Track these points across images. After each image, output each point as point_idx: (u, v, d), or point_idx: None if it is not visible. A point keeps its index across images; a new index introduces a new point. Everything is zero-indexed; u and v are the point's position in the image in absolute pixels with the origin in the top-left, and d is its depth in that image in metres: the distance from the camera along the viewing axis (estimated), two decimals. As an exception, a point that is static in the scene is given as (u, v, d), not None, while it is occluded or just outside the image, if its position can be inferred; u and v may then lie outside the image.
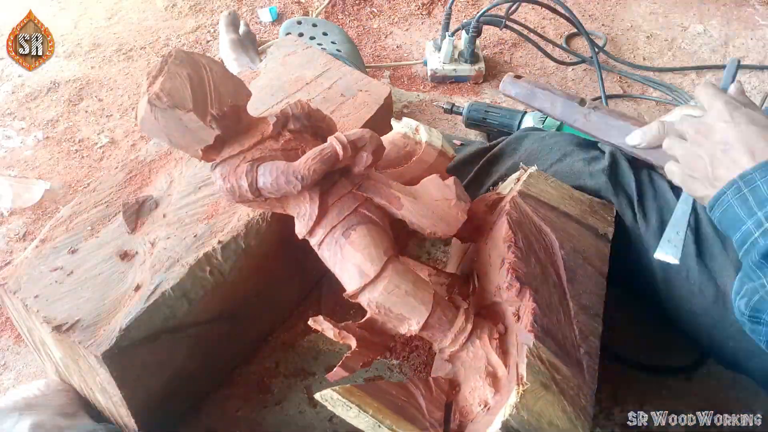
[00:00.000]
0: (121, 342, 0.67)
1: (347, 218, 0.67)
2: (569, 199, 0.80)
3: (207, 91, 0.66)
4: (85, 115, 1.25)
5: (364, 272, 0.65)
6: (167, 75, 0.64)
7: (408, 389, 0.65)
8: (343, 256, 0.66)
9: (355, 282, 0.66)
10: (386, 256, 0.66)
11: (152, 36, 1.44)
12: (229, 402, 0.87)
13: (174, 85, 0.64)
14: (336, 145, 0.66)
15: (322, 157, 0.65)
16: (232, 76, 0.70)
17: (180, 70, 0.65)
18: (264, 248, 0.78)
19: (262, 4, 1.52)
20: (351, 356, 0.64)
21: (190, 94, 0.64)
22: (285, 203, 0.69)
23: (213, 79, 0.67)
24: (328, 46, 1.29)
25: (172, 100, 0.64)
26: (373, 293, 0.65)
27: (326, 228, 0.67)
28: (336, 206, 0.68)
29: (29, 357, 0.92)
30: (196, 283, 0.72)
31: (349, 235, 0.66)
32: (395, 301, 0.65)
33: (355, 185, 0.69)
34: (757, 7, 1.53)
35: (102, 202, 0.79)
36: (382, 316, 0.65)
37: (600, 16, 1.51)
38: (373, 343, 0.66)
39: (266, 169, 0.66)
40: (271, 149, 0.68)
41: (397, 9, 1.53)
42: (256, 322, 0.89)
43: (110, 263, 0.73)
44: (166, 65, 0.65)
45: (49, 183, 1.14)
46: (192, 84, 0.65)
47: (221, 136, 0.66)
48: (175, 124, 0.65)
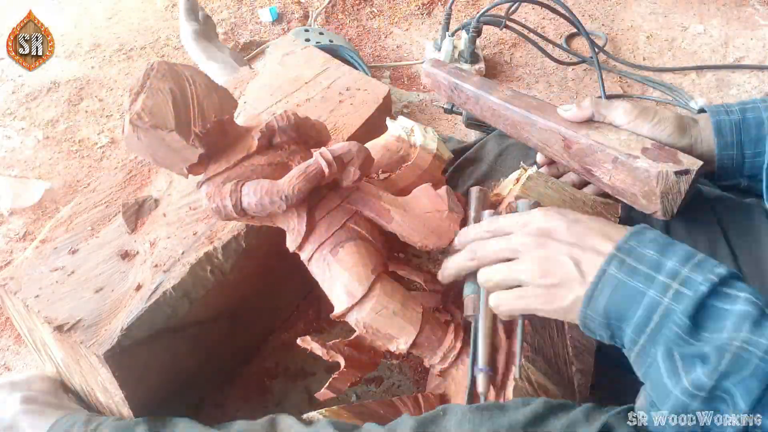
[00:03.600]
0: (123, 342, 0.67)
1: (335, 234, 0.66)
2: (570, 201, 0.79)
3: (190, 106, 0.65)
4: (85, 115, 1.25)
5: (351, 292, 0.64)
6: (149, 91, 0.63)
7: (396, 407, 0.66)
8: (331, 274, 0.66)
9: (343, 302, 0.65)
10: (374, 275, 0.65)
11: (152, 36, 1.44)
12: (229, 402, 0.87)
13: (156, 102, 0.63)
14: (321, 161, 0.64)
15: (307, 175, 0.63)
16: (216, 87, 0.68)
17: (162, 85, 0.64)
18: (264, 248, 0.78)
19: (262, 4, 1.52)
20: (339, 376, 0.64)
21: (172, 113, 0.63)
22: (274, 218, 0.68)
23: (196, 92, 0.66)
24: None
25: (154, 119, 0.63)
26: (360, 313, 0.64)
27: (315, 244, 0.66)
28: (324, 221, 0.66)
29: (29, 357, 0.92)
30: (197, 282, 0.72)
31: (336, 253, 0.65)
32: (383, 322, 0.64)
33: (344, 198, 0.68)
34: (757, 7, 1.53)
35: (102, 202, 0.79)
36: (371, 335, 0.65)
37: (600, 16, 1.51)
38: (362, 362, 0.66)
39: (250, 189, 0.64)
40: (257, 165, 0.67)
41: (397, 9, 1.53)
42: (256, 322, 0.89)
43: (111, 263, 0.73)
44: (147, 80, 0.64)
45: (49, 183, 1.14)
46: (174, 100, 0.64)
47: (206, 153, 0.65)
48: (158, 143, 0.64)
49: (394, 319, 0.64)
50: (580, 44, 1.43)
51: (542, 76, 1.36)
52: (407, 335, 0.64)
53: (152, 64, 0.65)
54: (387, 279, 0.67)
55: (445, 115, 1.25)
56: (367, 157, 0.67)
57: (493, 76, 1.35)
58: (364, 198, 0.69)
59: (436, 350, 0.65)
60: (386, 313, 0.64)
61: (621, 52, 1.42)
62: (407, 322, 0.64)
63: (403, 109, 1.29)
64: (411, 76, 1.37)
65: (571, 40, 1.44)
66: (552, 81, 1.35)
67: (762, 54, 1.42)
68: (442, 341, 0.65)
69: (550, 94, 1.32)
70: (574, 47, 1.42)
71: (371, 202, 0.68)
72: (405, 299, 0.66)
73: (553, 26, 1.46)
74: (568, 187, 0.78)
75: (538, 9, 1.46)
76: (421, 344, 0.65)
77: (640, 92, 1.33)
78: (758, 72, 1.38)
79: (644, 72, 1.37)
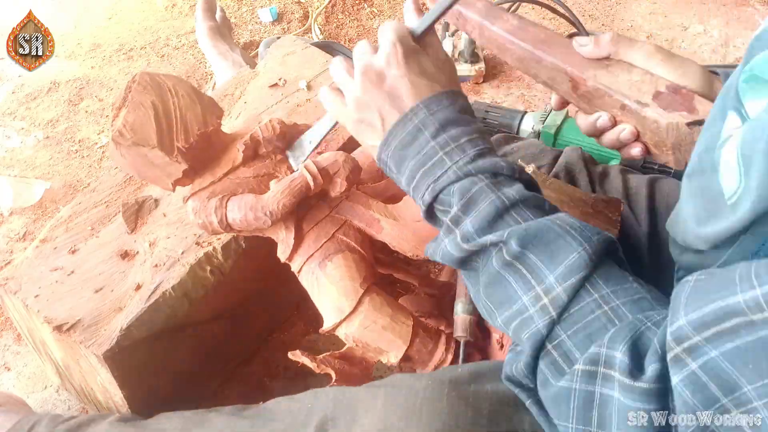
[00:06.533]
0: (122, 342, 0.67)
1: (324, 246, 0.66)
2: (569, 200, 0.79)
3: (173, 119, 0.64)
4: (85, 115, 1.25)
5: (339, 308, 0.64)
6: (131, 105, 0.62)
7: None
8: (320, 289, 0.65)
9: (331, 317, 0.65)
10: (363, 289, 0.64)
11: (152, 36, 1.44)
12: (229, 402, 0.87)
13: (137, 117, 0.62)
14: (306, 175, 0.63)
15: (292, 189, 0.63)
16: (200, 97, 0.67)
17: (143, 98, 0.63)
18: (264, 248, 0.78)
19: (262, 4, 1.52)
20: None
21: (154, 128, 0.62)
22: (262, 231, 0.67)
23: (179, 104, 0.65)
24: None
25: (136, 136, 0.62)
26: (349, 328, 0.64)
27: (304, 256, 0.66)
28: (313, 232, 0.66)
29: (29, 357, 0.92)
30: (196, 282, 0.72)
31: (324, 266, 0.65)
32: (372, 336, 0.64)
33: (333, 208, 0.67)
34: (757, 7, 1.53)
35: (102, 202, 0.79)
36: (361, 348, 0.65)
37: (600, 16, 1.51)
38: (353, 374, 0.65)
39: (235, 205, 0.64)
40: (243, 178, 0.66)
41: (397, 9, 1.53)
42: (257, 322, 0.89)
43: (111, 263, 0.73)
44: (129, 93, 0.63)
45: (49, 183, 1.14)
46: (156, 114, 0.63)
47: (191, 167, 0.64)
48: (142, 159, 0.63)
49: (383, 333, 0.64)
50: (580, 44, 1.43)
51: (542, 76, 1.36)
52: (397, 349, 0.64)
53: (134, 76, 0.64)
54: (376, 292, 0.66)
55: (445, 115, 1.25)
56: (354, 168, 0.66)
57: (493, 76, 1.35)
58: (353, 208, 0.68)
59: (428, 363, 0.65)
60: (375, 328, 0.64)
61: (621, 52, 1.42)
62: (396, 336, 0.64)
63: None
64: (411, 76, 1.37)
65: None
66: (552, 81, 1.35)
67: (762, 54, 1.42)
68: (433, 354, 0.65)
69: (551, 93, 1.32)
70: (574, 47, 1.42)
71: (360, 211, 0.68)
72: (395, 312, 0.65)
73: (553, 26, 1.46)
74: (567, 186, 0.77)
75: (538, 9, 1.46)
76: (412, 357, 0.64)
77: (640, 92, 1.33)
78: (758, 72, 1.38)
79: (644, 72, 1.37)
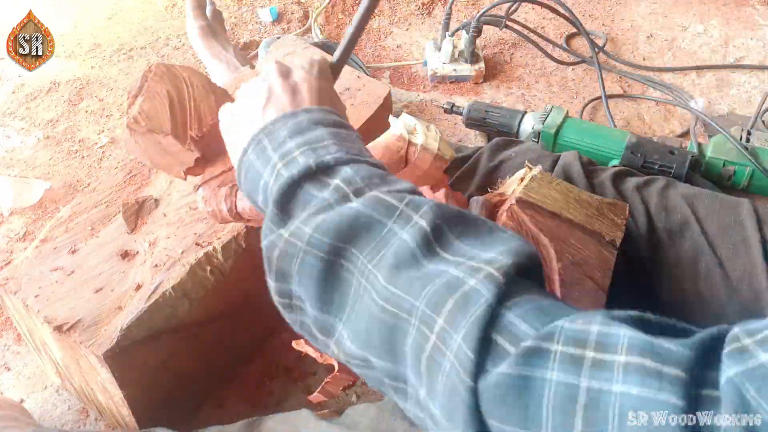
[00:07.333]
0: (122, 342, 0.67)
1: None
2: (575, 202, 0.78)
3: (187, 109, 0.65)
4: (85, 115, 1.25)
5: None
6: (146, 94, 0.64)
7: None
8: None
9: None
10: None
11: (152, 36, 1.44)
12: (229, 402, 0.87)
13: (152, 105, 0.64)
14: None
15: None
16: (214, 88, 0.68)
17: (159, 87, 0.64)
18: (264, 248, 0.78)
19: (262, 4, 1.52)
20: (331, 381, 0.64)
21: (168, 116, 0.64)
22: None
23: (194, 94, 0.66)
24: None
25: (151, 123, 0.63)
26: None
27: None
28: None
29: (29, 357, 0.92)
30: (196, 282, 0.72)
31: None
32: None
33: None
34: (757, 7, 1.53)
35: (102, 202, 0.79)
36: None
37: (600, 16, 1.51)
38: None
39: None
40: None
41: (397, 9, 1.53)
42: (256, 322, 0.89)
43: (111, 263, 0.73)
44: (145, 82, 0.64)
45: (49, 183, 1.14)
46: (171, 103, 0.64)
47: (202, 156, 0.66)
48: (155, 147, 0.65)
49: None
50: (580, 44, 1.43)
51: (542, 76, 1.36)
52: None
53: (150, 66, 0.66)
54: None
55: (445, 114, 1.25)
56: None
57: (493, 76, 1.35)
58: None
59: None
60: None
61: (621, 52, 1.42)
62: None
63: (403, 109, 1.29)
64: (411, 76, 1.37)
65: (571, 40, 1.44)
66: (552, 81, 1.35)
67: (762, 54, 1.42)
68: None
69: (551, 94, 1.32)
70: (574, 47, 1.42)
71: None
72: None
73: (553, 26, 1.46)
74: (573, 188, 0.77)
75: (538, 9, 1.46)
76: None
77: (640, 92, 1.33)
78: (758, 72, 1.37)
79: (644, 72, 1.37)
